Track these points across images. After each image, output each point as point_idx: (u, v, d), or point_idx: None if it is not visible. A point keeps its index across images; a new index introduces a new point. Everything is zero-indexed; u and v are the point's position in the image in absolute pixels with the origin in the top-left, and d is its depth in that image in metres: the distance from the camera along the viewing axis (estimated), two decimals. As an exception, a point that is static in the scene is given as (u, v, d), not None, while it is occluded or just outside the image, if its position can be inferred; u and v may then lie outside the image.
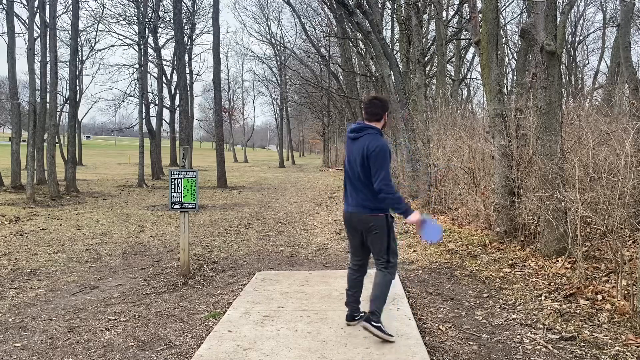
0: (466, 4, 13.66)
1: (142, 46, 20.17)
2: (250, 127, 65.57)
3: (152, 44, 25.55)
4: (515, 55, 22.90)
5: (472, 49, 21.92)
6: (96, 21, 22.71)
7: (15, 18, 15.92)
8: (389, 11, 22.31)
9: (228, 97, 50.36)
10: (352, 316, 3.67)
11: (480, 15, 7.73)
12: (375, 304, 3.34)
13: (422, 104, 11.07)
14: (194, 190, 5.23)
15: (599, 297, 4.18)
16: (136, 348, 3.52)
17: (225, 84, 47.95)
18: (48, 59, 14.05)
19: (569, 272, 4.88)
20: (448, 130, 9.68)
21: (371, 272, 3.59)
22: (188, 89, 24.13)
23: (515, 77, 17.01)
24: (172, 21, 23.40)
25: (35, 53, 15.25)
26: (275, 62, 41.05)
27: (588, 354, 3.27)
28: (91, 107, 60.93)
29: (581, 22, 27.47)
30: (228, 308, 4.17)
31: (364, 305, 3.63)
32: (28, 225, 9.01)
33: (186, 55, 27.15)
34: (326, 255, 6.56)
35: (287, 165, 41.81)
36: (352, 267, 3.69)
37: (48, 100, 14.08)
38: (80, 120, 29.94)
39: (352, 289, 3.68)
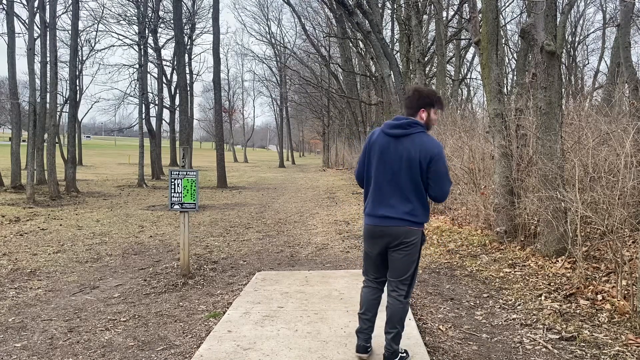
0: (466, 4, 13.66)
1: (142, 46, 20.17)
2: (250, 127, 65.61)
3: (152, 44, 25.56)
4: (515, 55, 22.90)
5: (472, 49, 21.92)
6: (96, 21, 22.73)
7: (15, 18, 15.92)
8: (389, 11, 22.34)
9: (228, 97, 50.34)
10: (366, 347, 3.04)
11: (480, 15, 7.73)
12: (395, 340, 2.94)
13: (422, 104, 11.06)
14: (194, 190, 5.23)
15: (599, 297, 4.18)
16: (136, 348, 3.52)
17: (225, 84, 47.95)
18: (48, 59, 14.05)
19: (569, 272, 4.88)
20: (448, 130, 9.68)
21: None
22: (188, 89, 24.11)
23: (515, 77, 17.02)
24: (172, 21, 23.39)
25: (35, 53, 15.25)
26: (275, 62, 41.09)
27: (588, 354, 3.27)
28: (91, 107, 61.00)
29: (581, 22, 27.52)
30: (228, 308, 4.17)
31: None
32: (28, 225, 9.01)
33: (186, 55, 27.15)
34: (326, 255, 6.56)
35: (287, 165, 41.80)
36: (369, 285, 3.09)
37: (48, 100, 14.07)
38: (80, 120, 29.94)
39: (369, 312, 3.04)
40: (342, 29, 21.43)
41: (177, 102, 27.68)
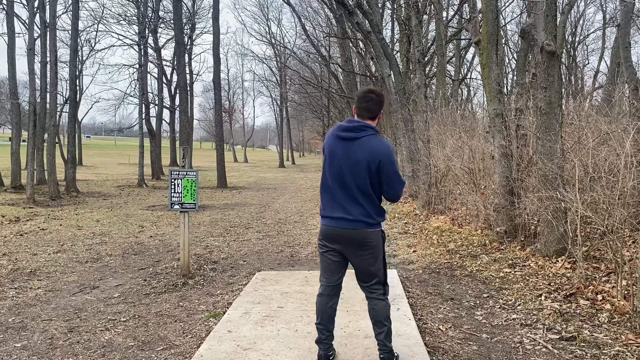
0: (466, 4, 13.67)
1: (142, 46, 20.18)
2: (250, 127, 65.56)
3: (152, 44, 25.57)
4: (515, 55, 22.92)
5: (472, 49, 21.93)
6: (96, 21, 22.76)
7: (15, 18, 15.93)
8: (389, 11, 22.32)
9: (228, 97, 50.34)
10: (328, 356, 3.04)
11: (480, 15, 7.74)
12: (388, 339, 2.92)
13: (422, 104, 11.07)
14: (194, 190, 5.23)
15: (599, 297, 4.18)
16: (136, 348, 3.52)
17: (225, 84, 47.96)
18: (48, 59, 14.05)
19: (569, 272, 4.88)
20: (448, 130, 9.67)
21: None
22: (188, 89, 24.11)
23: (515, 77, 17.03)
24: (172, 21, 23.41)
25: (35, 53, 15.24)
26: (275, 62, 41.06)
27: (588, 354, 3.27)
28: (91, 107, 61.02)
29: (581, 22, 27.54)
30: (228, 308, 4.17)
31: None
32: (28, 225, 9.01)
33: (186, 55, 27.15)
34: (326, 255, 6.55)
35: (287, 166, 41.81)
36: (325, 292, 3.00)
37: (48, 100, 14.07)
38: (80, 120, 29.93)
39: (325, 322, 3.00)
40: (342, 29, 21.41)
41: (177, 102, 27.69)
